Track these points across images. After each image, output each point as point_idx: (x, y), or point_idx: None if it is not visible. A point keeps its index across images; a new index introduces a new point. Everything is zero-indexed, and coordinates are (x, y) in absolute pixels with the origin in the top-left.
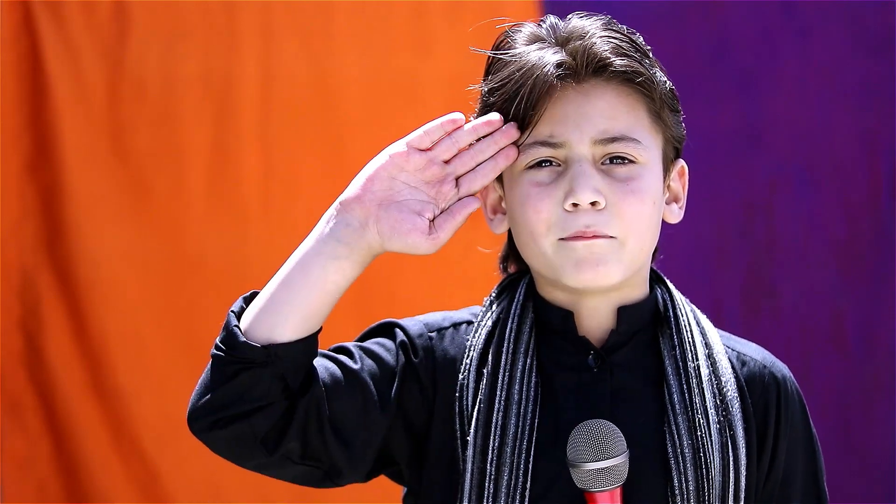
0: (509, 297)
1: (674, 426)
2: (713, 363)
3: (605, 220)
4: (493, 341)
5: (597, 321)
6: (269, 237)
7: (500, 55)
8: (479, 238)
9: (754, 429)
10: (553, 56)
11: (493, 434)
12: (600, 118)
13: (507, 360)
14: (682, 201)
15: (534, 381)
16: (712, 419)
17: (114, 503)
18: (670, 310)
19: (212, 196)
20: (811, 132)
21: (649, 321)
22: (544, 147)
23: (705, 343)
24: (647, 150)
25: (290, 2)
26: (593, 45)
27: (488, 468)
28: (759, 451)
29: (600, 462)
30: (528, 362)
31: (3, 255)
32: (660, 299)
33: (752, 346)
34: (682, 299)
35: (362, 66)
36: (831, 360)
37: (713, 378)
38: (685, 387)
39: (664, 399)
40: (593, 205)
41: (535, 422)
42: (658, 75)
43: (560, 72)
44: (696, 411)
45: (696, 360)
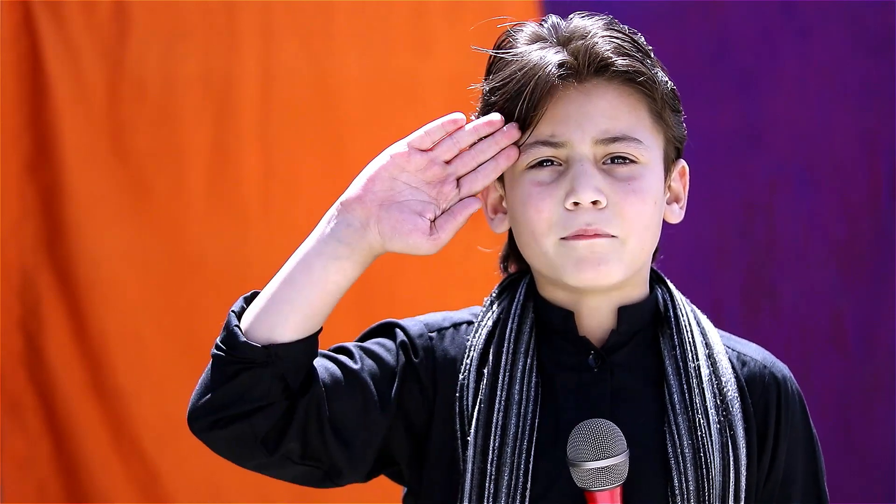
0: (510, 297)
1: (674, 426)
2: (713, 363)
3: (607, 219)
4: (494, 341)
5: (597, 321)
6: (270, 237)
7: (502, 54)
8: (480, 238)
9: (754, 429)
10: (555, 56)
11: (493, 434)
12: (602, 118)
13: (507, 360)
14: (683, 201)
15: (534, 381)
16: (712, 419)
17: (114, 503)
18: (671, 310)
19: (212, 196)
20: (811, 132)
21: (650, 321)
22: (546, 147)
23: (705, 343)
24: (648, 150)
25: (290, 2)
26: (595, 44)
27: (488, 468)
28: (760, 451)
29: (600, 461)
30: (528, 362)
31: (3, 254)
32: (660, 299)
33: (753, 346)
34: (682, 299)
35: (362, 66)
36: (831, 360)
37: (713, 378)
38: (685, 387)
39: (664, 399)
40: (594, 204)
41: (536, 422)
42: (659, 75)
43: (562, 71)
44: (697, 411)
45: (697, 360)
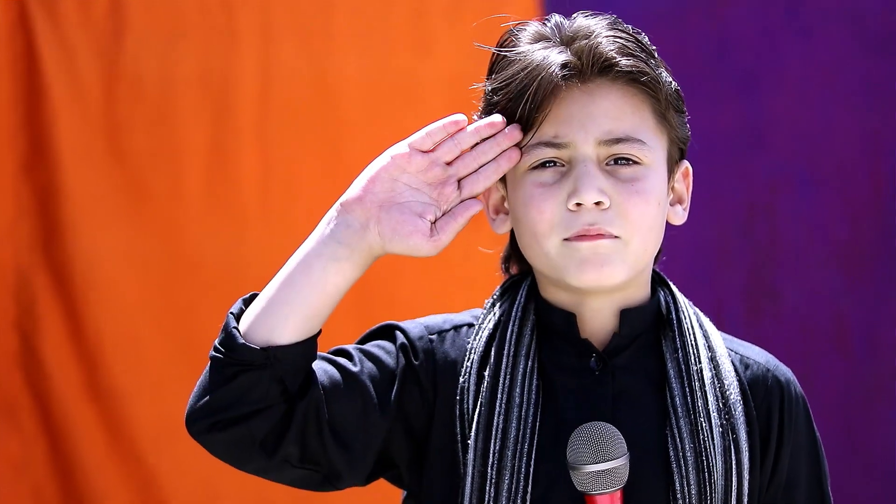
0: (511, 298)
1: (676, 429)
2: (716, 366)
3: (610, 220)
4: (494, 344)
5: (599, 323)
6: (268, 238)
7: (505, 53)
8: (481, 239)
9: (757, 432)
10: (558, 56)
11: (493, 437)
12: (605, 118)
13: (508, 362)
14: (687, 202)
15: (535, 383)
16: (715, 422)
17: None
18: (673, 312)
19: (210, 197)
20: (813, 132)
21: (652, 324)
22: (548, 148)
23: (708, 346)
24: (651, 150)
25: (290, 1)
26: (599, 44)
27: (489, 471)
28: (762, 454)
29: (600, 464)
30: (529, 365)
31: None
32: (662, 302)
33: (756, 349)
34: (685, 302)
35: (362, 66)
36: (833, 362)
37: (716, 381)
38: (687, 390)
39: (666, 402)
40: (597, 205)
41: (537, 425)
42: (664, 76)
43: (565, 72)
44: (699, 414)
45: (699, 363)
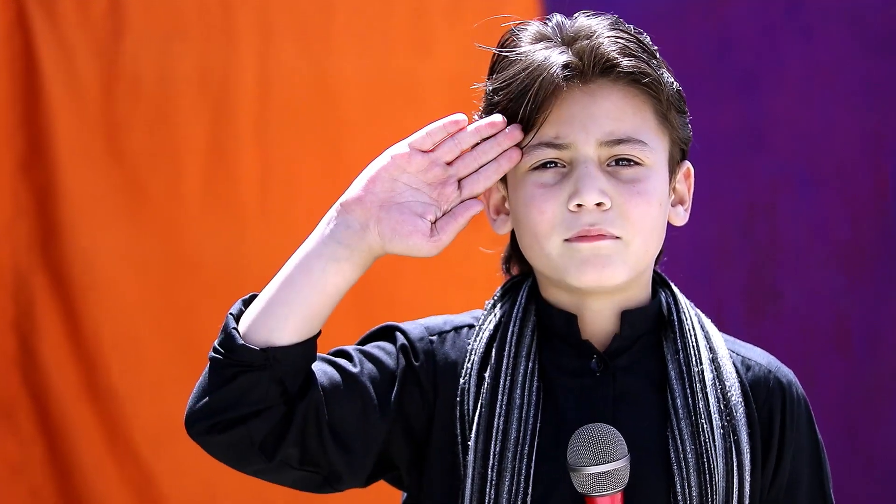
0: (511, 300)
1: (677, 431)
2: (717, 368)
3: (611, 220)
4: (495, 345)
5: (600, 325)
6: (267, 239)
7: (506, 53)
8: (481, 239)
9: (759, 434)
10: (559, 56)
11: (494, 439)
12: (606, 119)
13: (508, 364)
14: (688, 203)
15: (535, 385)
16: (716, 424)
17: None
18: (674, 314)
19: (209, 197)
20: (813, 132)
21: (653, 325)
22: (549, 148)
23: (709, 347)
24: (653, 151)
25: (289, 0)
26: (600, 45)
27: (489, 473)
28: (764, 456)
29: (601, 466)
30: (529, 366)
31: None
32: (664, 303)
33: (757, 350)
34: (686, 303)
35: (362, 66)
36: (834, 362)
37: (717, 382)
38: (689, 391)
39: (667, 403)
40: (598, 206)
41: (537, 426)
42: (665, 76)
43: (566, 73)
44: (700, 416)
45: (700, 364)
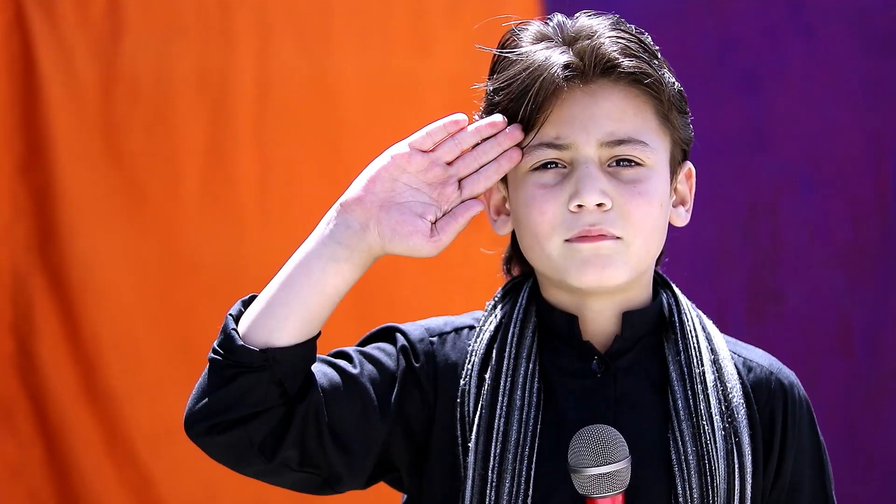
0: (512, 300)
1: (678, 432)
2: (719, 369)
3: (612, 220)
4: (495, 346)
5: (601, 326)
6: (266, 240)
7: (506, 54)
8: (481, 240)
9: (760, 436)
10: (560, 56)
11: (494, 440)
12: (607, 120)
13: (509, 365)
14: (689, 204)
15: (536, 386)
16: (717, 426)
17: None
18: (676, 315)
19: (207, 198)
20: (816, 133)
21: (654, 326)
22: (550, 149)
23: (711, 349)
24: (654, 152)
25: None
26: (601, 45)
27: (490, 475)
28: (766, 458)
29: (602, 467)
30: (530, 367)
31: None
32: (665, 304)
33: (759, 351)
34: (688, 304)
35: (361, 66)
36: (835, 363)
37: (718, 384)
38: (690, 393)
39: (668, 405)
40: (599, 206)
41: (538, 428)
42: (666, 76)
43: (567, 73)
44: (701, 417)
45: (702, 365)
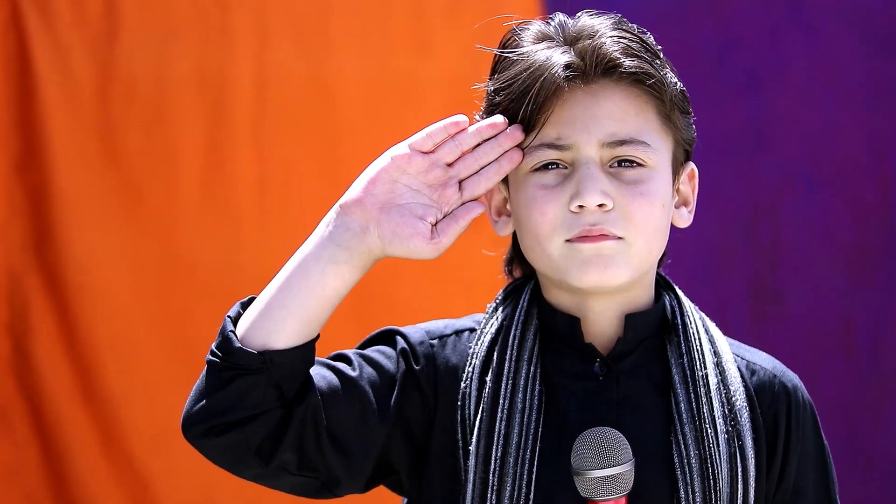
0: (513, 302)
1: (680, 436)
2: (722, 372)
3: (613, 221)
4: (497, 348)
5: (603, 328)
6: (264, 241)
7: (507, 54)
8: (482, 241)
9: (763, 439)
10: (561, 56)
11: (495, 443)
12: (608, 120)
13: (510, 367)
14: (692, 205)
15: (537, 388)
16: (720, 429)
17: None
18: (678, 317)
19: (205, 199)
20: (816, 132)
21: (657, 328)
22: (551, 149)
23: (714, 351)
24: (656, 152)
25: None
26: (602, 45)
27: (490, 478)
28: (769, 462)
29: (605, 470)
30: (531, 370)
31: None
32: (668, 306)
33: (763, 354)
34: (690, 306)
35: (360, 67)
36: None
37: (721, 387)
38: (693, 396)
39: (671, 408)
40: (600, 207)
41: (539, 430)
42: (669, 76)
43: (568, 73)
44: (704, 421)
45: (705, 368)
